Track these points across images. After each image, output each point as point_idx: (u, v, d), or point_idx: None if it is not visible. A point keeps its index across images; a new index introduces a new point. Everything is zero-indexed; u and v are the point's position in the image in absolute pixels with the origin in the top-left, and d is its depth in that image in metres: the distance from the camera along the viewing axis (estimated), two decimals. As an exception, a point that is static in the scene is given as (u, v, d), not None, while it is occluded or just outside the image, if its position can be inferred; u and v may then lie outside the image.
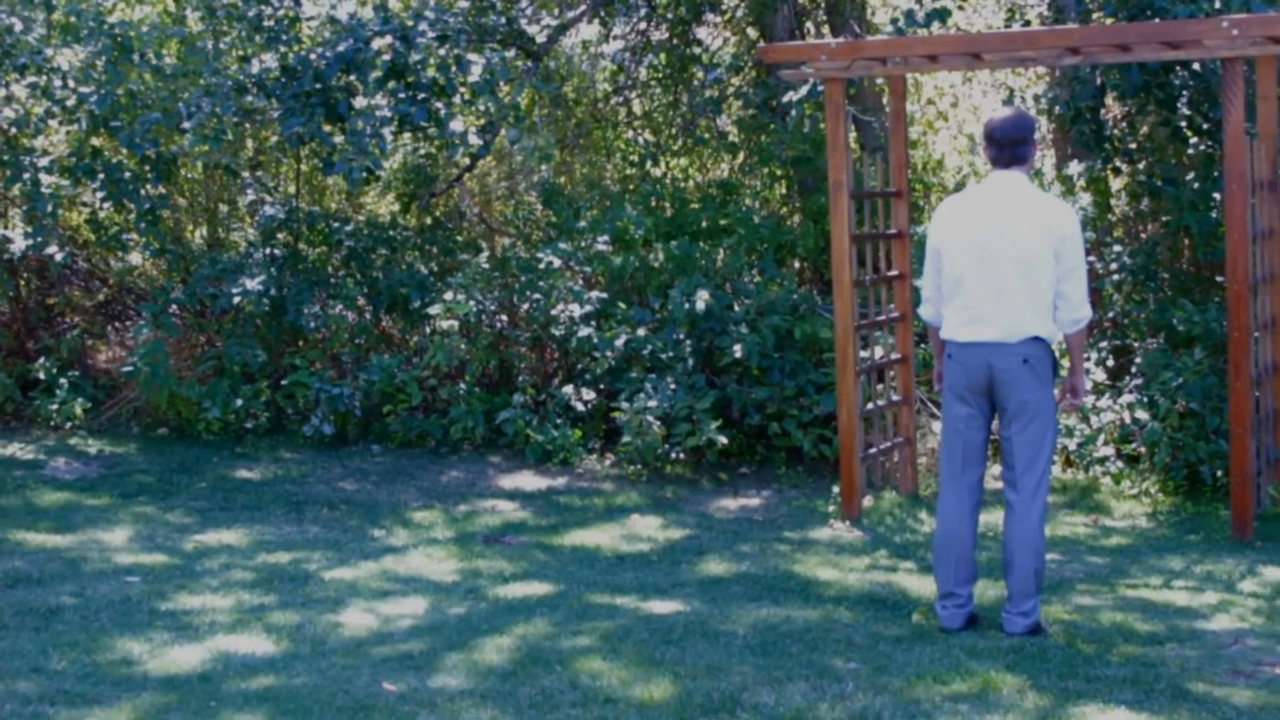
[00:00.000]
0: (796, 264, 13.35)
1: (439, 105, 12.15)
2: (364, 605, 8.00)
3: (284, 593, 8.28)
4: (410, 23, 12.19)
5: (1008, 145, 7.41)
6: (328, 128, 12.29)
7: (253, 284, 12.63)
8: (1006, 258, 7.24)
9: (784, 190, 14.52)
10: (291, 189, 14.51)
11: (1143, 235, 12.50)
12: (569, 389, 12.19)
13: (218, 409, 12.44)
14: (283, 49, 12.35)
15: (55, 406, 12.89)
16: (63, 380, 13.10)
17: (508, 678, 6.71)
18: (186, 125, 12.12)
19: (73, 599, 8.09)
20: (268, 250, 13.35)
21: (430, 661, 6.96)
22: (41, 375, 13.19)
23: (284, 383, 12.76)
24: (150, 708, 6.34)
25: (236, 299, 12.60)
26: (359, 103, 12.07)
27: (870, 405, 10.52)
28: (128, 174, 12.74)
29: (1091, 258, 11.77)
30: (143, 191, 12.75)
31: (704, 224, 12.91)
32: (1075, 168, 12.21)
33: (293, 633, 7.46)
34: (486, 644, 7.24)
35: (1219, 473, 10.37)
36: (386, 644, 7.28)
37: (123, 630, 7.48)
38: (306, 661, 6.99)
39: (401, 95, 12.03)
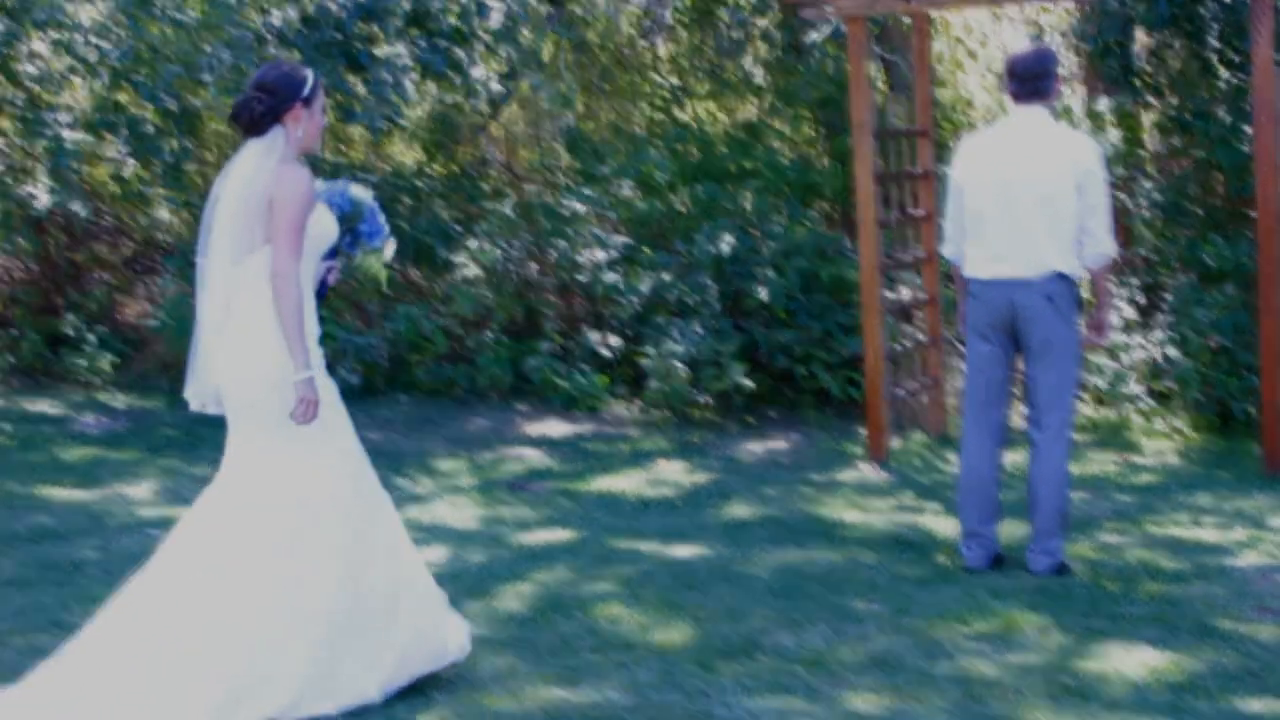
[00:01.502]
0: (823, 206, 13.24)
1: (460, 53, 12.07)
2: (386, 554, 7.97)
3: (306, 543, 8.25)
4: (430, -30, 12.10)
5: (1029, 80, 7.30)
6: (349, 77, 12.22)
7: (277, 236, 12.56)
8: (1028, 193, 7.14)
9: (810, 132, 14.38)
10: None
11: (1174, 171, 12.35)
12: (595, 335, 12.14)
13: (245, 361, 12.39)
14: (303, -1, 12.28)
15: (83, 363, 12.90)
16: (90, 336, 13.09)
17: (527, 624, 6.68)
18: (207, 78, 12.05)
19: (95, 553, 8.08)
20: (292, 202, 13.27)
21: (451, 608, 6.92)
22: (70, 332, 13.19)
23: (311, 334, 12.70)
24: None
25: (261, 251, 12.55)
26: (380, 52, 12.00)
27: (897, 346, 10.45)
28: (150, 128, 12.70)
29: (1122, 194, 11.64)
30: (166, 146, 12.70)
31: (729, 168, 12.80)
32: (1104, 103, 12.07)
33: (314, 582, 7.43)
34: (507, 591, 7.21)
35: (1250, 409, 10.26)
36: (407, 592, 7.25)
37: (144, 583, 7.46)
38: (326, 611, 6.96)
39: (422, 43, 11.96)
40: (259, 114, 5.54)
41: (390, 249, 6.18)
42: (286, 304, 5.44)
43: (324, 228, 5.70)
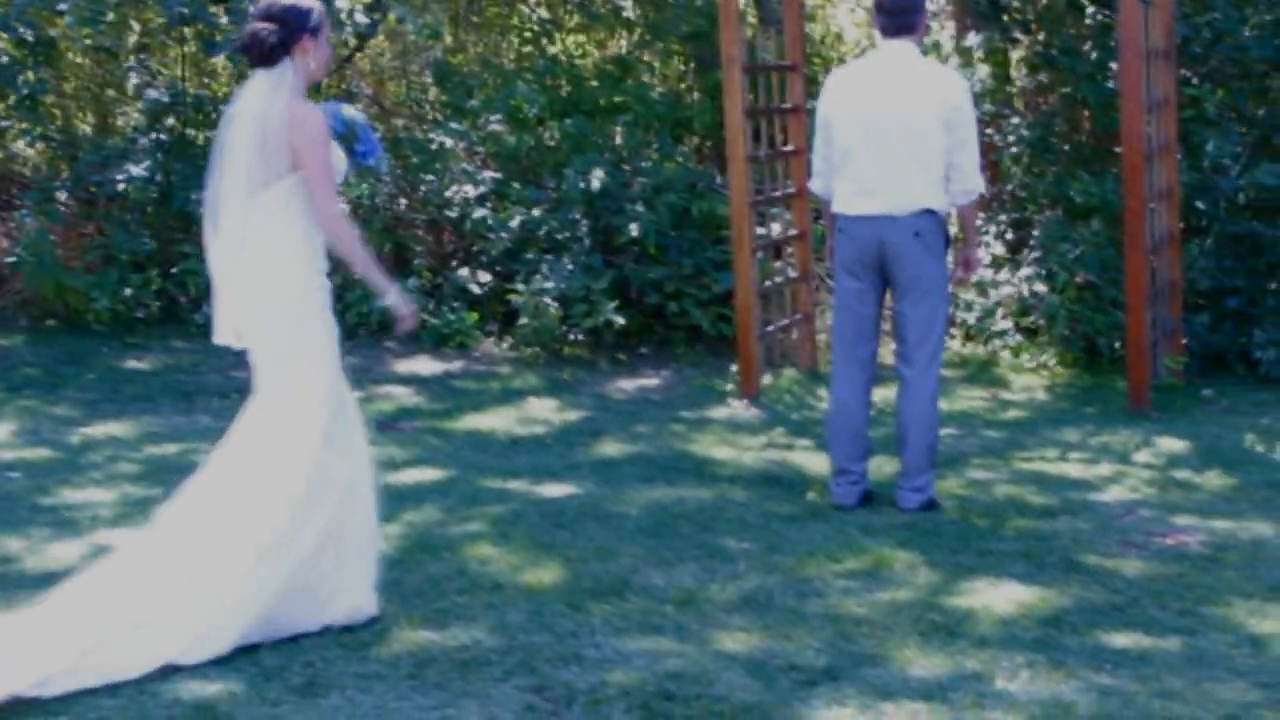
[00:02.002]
0: (694, 141, 13.18)
1: (325, -17, 11.83)
2: (251, 495, 7.84)
3: (170, 485, 7.95)
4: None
5: (896, 14, 7.26)
6: (212, 8, 11.96)
7: (138, 170, 12.32)
8: (896, 129, 7.11)
9: (681, 66, 14.31)
10: (179, 72, 14.15)
11: (1042, 107, 12.41)
12: (465, 271, 12.02)
13: (106, 299, 12.17)
14: (163, -75, 11.98)
15: (-62, 299, 12.60)
16: (-55, 272, 12.80)
17: (395, 566, 6.57)
18: (63, 6, 11.73)
19: (-52, 496, 7.89)
20: (154, 135, 13.02)
21: (316, 551, 6.82)
22: (-77, 267, 12.89)
23: (174, 271, 12.49)
24: (25, 606, 6.16)
25: (121, 186, 12.28)
26: (242, -19, 11.75)
27: (768, 283, 10.43)
28: (4, 59, 12.37)
29: (990, 130, 11.69)
30: (21, 77, 12.37)
31: (600, 102, 12.70)
32: (973, 39, 12.10)
33: (177, 525, 7.29)
34: (374, 532, 7.11)
35: (1116, 344, 10.36)
36: (272, 534, 7.13)
37: (1, 528, 7.29)
38: (189, 554, 6.83)
39: (286, -28, 11.69)
40: (270, 46, 5.55)
41: (384, 165, 6.06)
42: (348, 242, 5.74)
43: (338, 158, 5.78)
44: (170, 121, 13.23)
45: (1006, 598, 6.04)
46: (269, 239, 5.60)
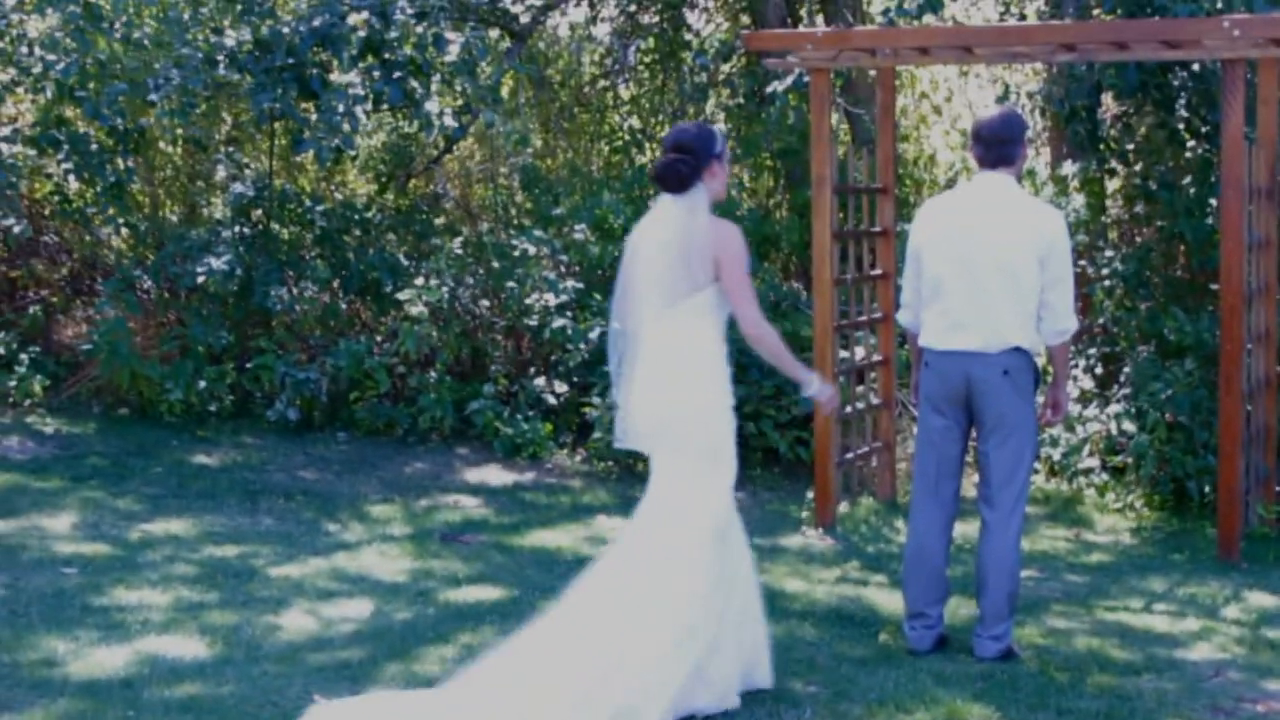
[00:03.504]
0: (780, 259, 13.00)
1: (415, 85, 11.79)
2: (307, 606, 7.65)
3: (226, 590, 7.93)
4: (388, -2, 11.81)
5: (995, 145, 7.05)
6: (301, 106, 11.93)
7: (219, 263, 12.25)
8: (989, 263, 6.88)
9: (771, 183, 14.16)
10: (267, 166, 14.14)
11: (1137, 240, 12.15)
12: (541, 381, 11.85)
13: (180, 390, 12.08)
14: (256, 21, 11.95)
15: (14, 383, 12.52)
16: (23, 356, 12.74)
17: (447, 692, 6.36)
18: (154, 97, 11.72)
19: (3, 590, 7.74)
20: (237, 229, 12.98)
21: (368, 671, 6.61)
22: (1, 350, 12.82)
23: (249, 365, 12.40)
24: (63, 716, 6.00)
25: (201, 278, 12.22)
26: (333, 79, 11.72)
27: (849, 408, 10.18)
28: (95, 145, 12.38)
29: (1083, 262, 11.43)
30: (110, 165, 12.37)
31: (686, 215, 12.53)
32: (1070, 168, 11.86)
33: (228, 635, 7.11)
34: (429, 653, 6.90)
35: (1206, 488, 10.02)
36: (325, 650, 6.93)
37: (50, 627, 7.13)
38: (238, 668, 6.64)
39: (377, 73, 11.68)
40: (685, 175, 6.12)
41: None
42: (771, 343, 6.34)
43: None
44: (255, 215, 13.19)
45: (1086, 763, 5.74)
46: (688, 344, 6.15)
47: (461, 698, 5.93)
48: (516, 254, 12.15)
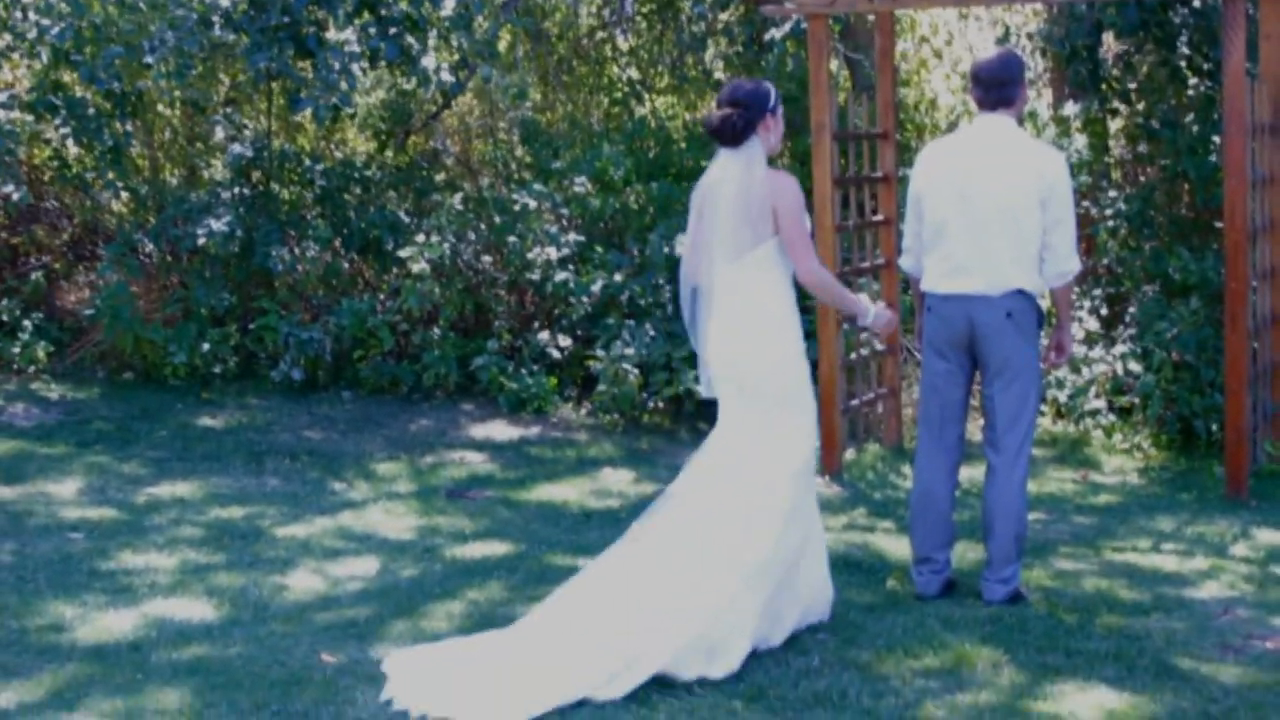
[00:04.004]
0: (783, 207, 12.91)
1: (411, 40, 11.72)
2: (313, 566, 7.65)
3: (232, 551, 7.92)
4: (382, -46, 11.73)
5: (994, 87, 7.00)
6: (299, 65, 11.86)
7: (219, 224, 12.21)
8: (990, 206, 6.84)
9: (772, 130, 14.06)
10: (267, 126, 14.08)
11: (1140, 179, 12.08)
12: (545, 335, 11.82)
13: (184, 353, 12.06)
14: (250, -20, 11.87)
15: (17, 350, 12.50)
16: (26, 322, 12.72)
17: (455, 648, 6.36)
18: (150, 59, 11.65)
19: (10, 557, 7.74)
20: (237, 190, 12.93)
21: (375, 629, 6.61)
22: (4, 317, 12.80)
23: (252, 326, 12.38)
24: (71, 680, 5.99)
25: (201, 240, 12.19)
26: (329, 37, 11.65)
27: (853, 355, 10.15)
28: (92, 110, 12.32)
29: (1086, 202, 11.38)
30: (107, 129, 12.31)
31: (688, 165, 12.47)
32: (1071, 109, 11.79)
33: (235, 596, 7.10)
34: (437, 610, 6.89)
35: (1213, 427, 9.99)
36: (332, 609, 6.93)
37: (57, 592, 7.13)
38: (245, 629, 6.64)
39: (373, 30, 11.61)
40: (740, 128, 6.30)
41: None
42: (831, 290, 6.59)
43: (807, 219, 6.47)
44: (255, 175, 13.14)
45: (1094, 704, 5.73)
46: (758, 295, 6.30)
47: (540, 631, 6.12)
48: (517, 208, 12.10)
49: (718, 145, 6.43)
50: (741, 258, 6.29)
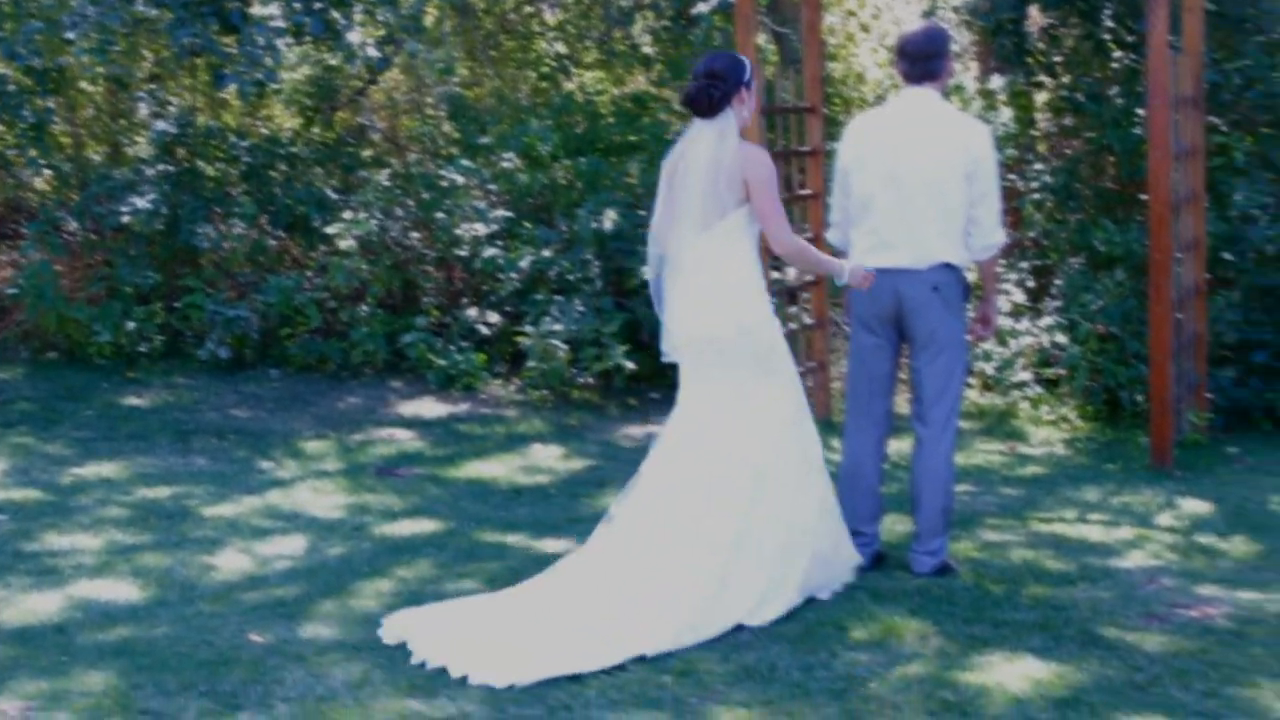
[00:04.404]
0: (710, 181, 12.90)
1: (337, 15, 11.63)
2: (241, 545, 7.59)
3: (159, 531, 7.86)
4: (307, -73, 11.62)
5: (919, 60, 7.02)
6: (223, 41, 11.75)
7: (143, 202, 12.10)
8: (915, 180, 6.86)
9: (699, 105, 14.04)
10: (191, 102, 13.96)
11: (1066, 152, 12.15)
12: (474, 311, 11.79)
13: (109, 332, 11.96)
14: (173, -46, 11.74)
15: (-62, 330, 12.39)
16: (-52, 303, 12.60)
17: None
18: (71, 34, 11.52)
19: (-68, 540, 7.65)
20: (162, 167, 12.82)
21: (303, 608, 6.57)
22: (-75, 297, 12.68)
23: (178, 305, 12.28)
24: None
25: (126, 218, 12.07)
26: (253, 12, 11.54)
27: (782, 329, 10.14)
28: (12, 86, 12.17)
29: (1012, 175, 11.43)
30: (28, 105, 12.17)
31: (615, 140, 12.45)
32: (997, 82, 11.84)
33: (162, 576, 7.04)
34: (365, 588, 6.86)
35: (1139, 398, 10.08)
36: (260, 589, 6.89)
37: (-20, 575, 7.05)
38: (172, 609, 6.59)
39: (297, 4, 11.51)
40: (716, 99, 6.43)
41: None
42: (806, 256, 6.75)
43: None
44: (180, 152, 13.03)
45: (1021, 674, 5.77)
46: (728, 262, 6.44)
47: (558, 593, 6.37)
48: (445, 184, 12.05)
49: (692, 116, 6.55)
50: (711, 227, 6.43)
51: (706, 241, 6.45)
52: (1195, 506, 8.28)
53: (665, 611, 6.09)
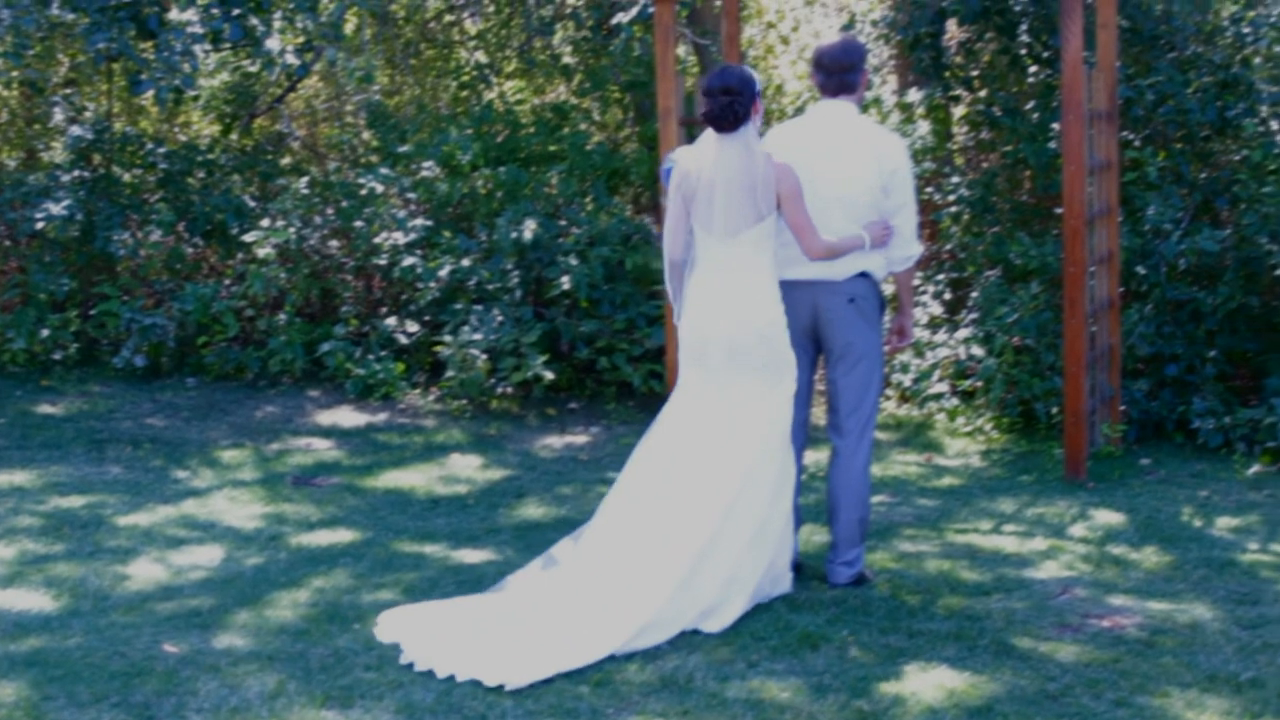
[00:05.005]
0: (631, 192, 12.95)
1: (255, 22, 11.57)
2: (156, 555, 7.54)
3: (72, 541, 7.79)
4: (225, -67, 11.55)
5: (836, 72, 7.06)
6: (140, 46, 11.65)
7: (58, 208, 11.99)
8: (832, 191, 6.89)
9: (620, 115, 14.10)
10: (108, 108, 13.84)
11: (983, 165, 12.26)
12: (392, 321, 11.75)
13: (23, 339, 11.84)
14: (90, -41, 11.64)
15: None
16: None
17: (300, 637, 6.31)
18: (-15, 39, 11.40)
19: None
20: (77, 173, 12.70)
21: (218, 619, 6.53)
22: None
23: (94, 312, 12.17)
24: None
25: (40, 224, 11.96)
26: (171, 17, 11.46)
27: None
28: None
29: (930, 189, 11.52)
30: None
31: (535, 149, 12.45)
32: (915, 95, 11.92)
33: (75, 586, 6.99)
34: (281, 598, 6.83)
35: (1053, 410, 10.17)
36: (174, 599, 6.84)
37: (-111, 585, 6.97)
38: (85, 619, 6.53)
39: (215, 10, 11.43)
40: (740, 115, 6.60)
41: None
42: (837, 249, 6.78)
43: None
44: (95, 158, 12.92)
45: (936, 684, 5.81)
46: (752, 268, 6.62)
47: (544, 593, 6.56)
48: (364, 193, 12.01)
49: (711, 130, 6.68)
50: (739, 234, 6.60)
51: (733, 248, 6.62)
52: (1108, 518, 8.36)
53: (632, 610, 6.23)
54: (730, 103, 6.58)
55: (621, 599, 6.30)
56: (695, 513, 6.51)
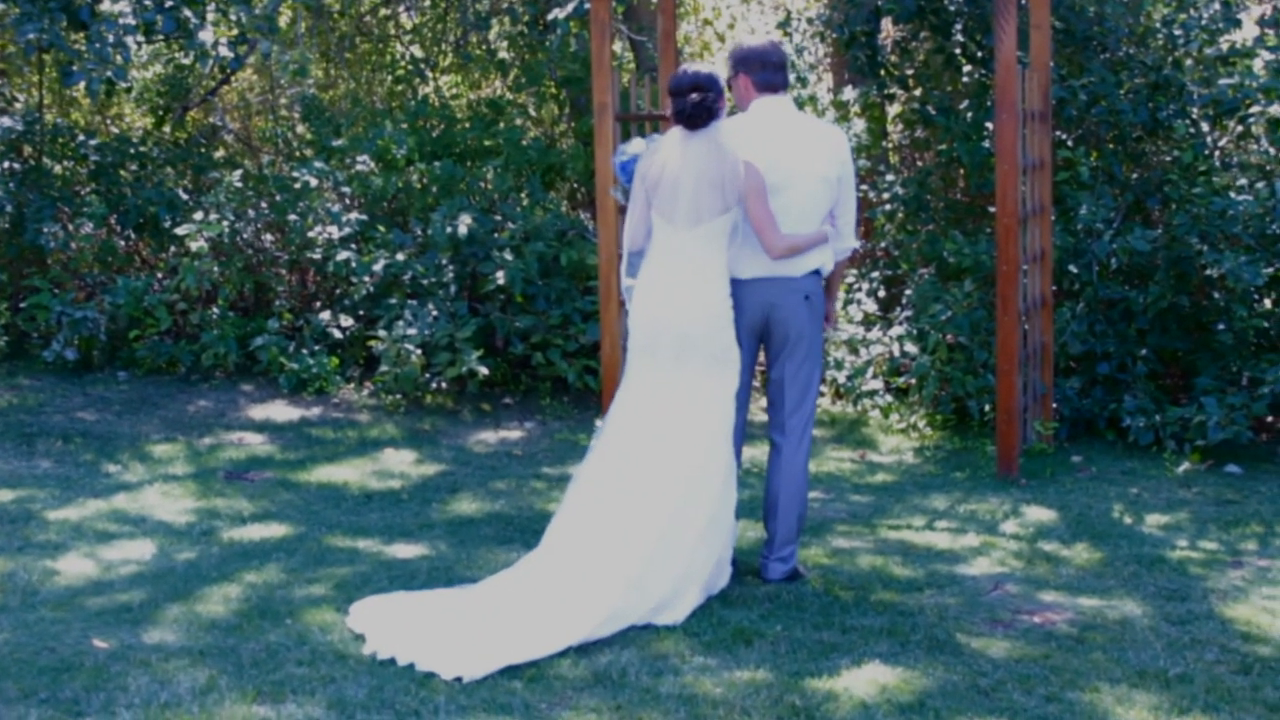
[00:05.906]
0: (567, 187, 12.94)
1: (189, 14, 11.47)
2: (86, 549, 7.48)
3: (1, 535, 7.71)
4: (159, -76, 11.45)
5: (780, 69, 7.09)
6: (71, 37, 11.55)
7: (-13, 200, 11.89)
8: (796, 188, 6.85)
9: (555, 111, 14.08)
10: (38, 99, 13.71)
11: (917, 164, 12.32)
12: (327, 315, 11.70)
13: (-49, 333, 11.73)
14: (20, -52, 11.52)
15: None
16: None
17: (231, 632, 6.27)
18: (-87, 30, 11.28)
19: None
20: (7, 165, 12.58)
21: (149, 614, 6.48)
22: None
23: (24, 305, 12.06)
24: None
25: (-31, 216, 11.86)
26: (102, 9, 11.35)
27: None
28: None
29: (865, 186, 11.56)
30: None
31: (471, 145, 12.42)
32: (850, 93, 11.96)
33: (3, 581, 6.93)
34: (213, 593, 6.78)
35: (986, 407, 10.23)
36: (104, 594, 6.79)
37: None
38: (13, 615, 6.47)
39: (148, 2, 11.34)
40: (713, 110, 6.73)
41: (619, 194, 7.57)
42: (799, 246, 6.84)
43: None
44: (26, 150, 12.80)
45: (868, 679, 5.83)
46: (708, 259, 6.71)
47: (508, 588, 6.58)
48: (298, 186, 11.95)
49: (677, 129, 6.79)
50: (699, 225, 6.67)
51: (691, 239, 6.68)
52: (1040, 514, 8.41)
53: (587, 605, 6.28)
54: (701, 100, 6.67)
55: (578, 594, 6.34)
56: (647, 509, 6.56)
